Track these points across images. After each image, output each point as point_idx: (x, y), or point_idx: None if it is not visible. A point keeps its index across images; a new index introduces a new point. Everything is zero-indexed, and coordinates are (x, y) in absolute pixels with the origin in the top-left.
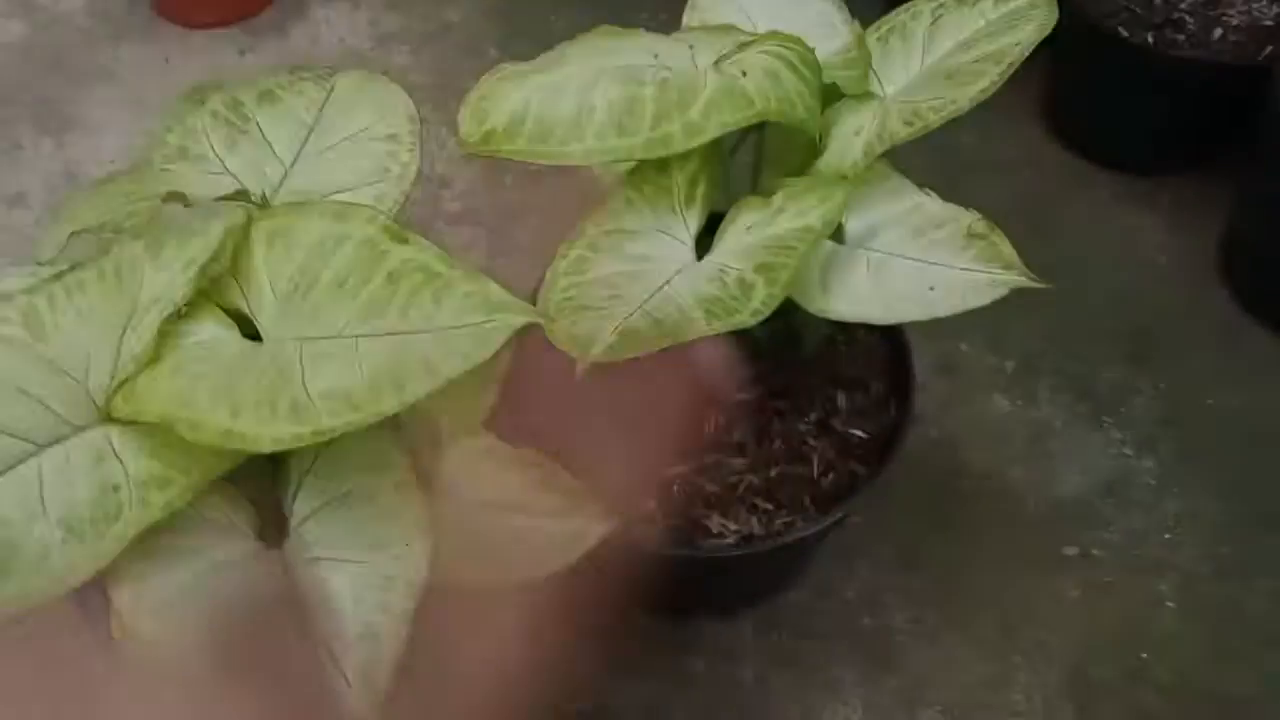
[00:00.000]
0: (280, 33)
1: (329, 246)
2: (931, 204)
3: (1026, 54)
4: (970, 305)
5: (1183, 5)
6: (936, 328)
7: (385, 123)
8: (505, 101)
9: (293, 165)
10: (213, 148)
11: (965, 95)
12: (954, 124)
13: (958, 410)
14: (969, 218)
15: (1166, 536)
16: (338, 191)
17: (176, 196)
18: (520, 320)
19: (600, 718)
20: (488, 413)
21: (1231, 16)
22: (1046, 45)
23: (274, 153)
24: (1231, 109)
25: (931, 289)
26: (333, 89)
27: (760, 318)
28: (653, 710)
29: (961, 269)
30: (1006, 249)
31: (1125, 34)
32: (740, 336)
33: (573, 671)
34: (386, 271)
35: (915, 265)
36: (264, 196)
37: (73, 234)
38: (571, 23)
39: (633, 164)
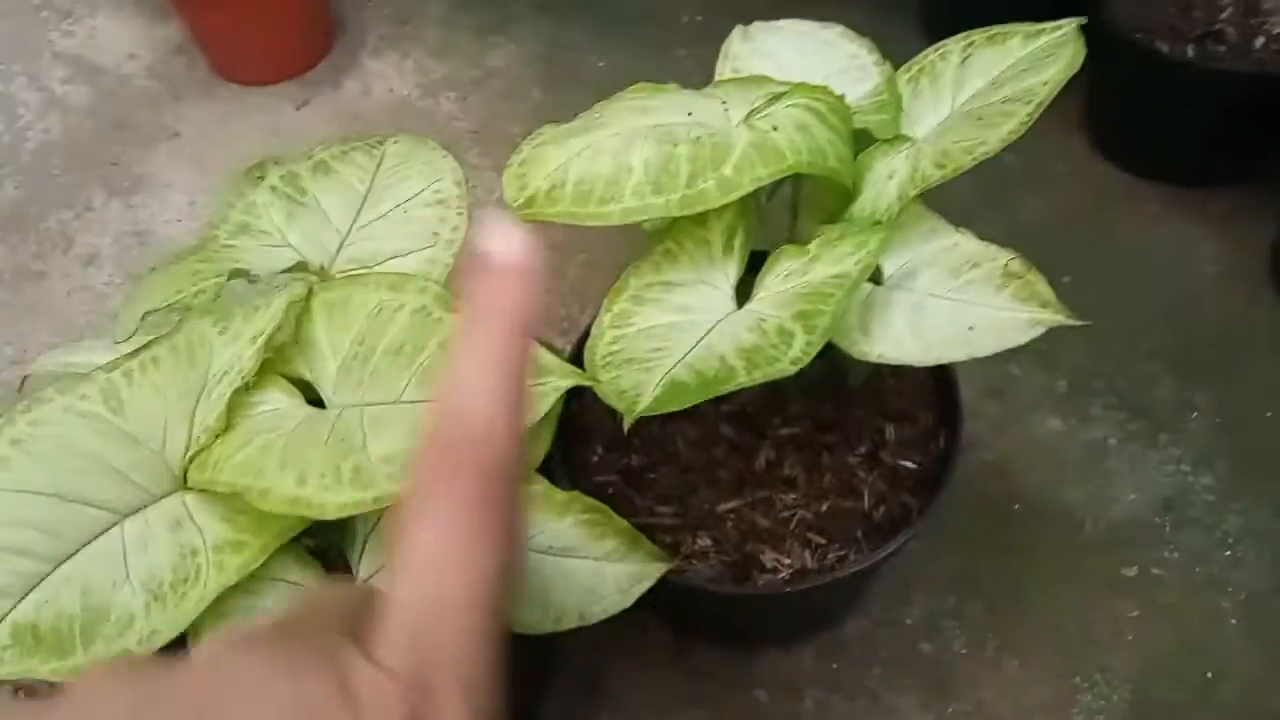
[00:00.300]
0: (334, 85)
1: (385, 316)
2: (967, 243)
3: (1055, 92)
4: (1009, 344)
5: (1223, 16)
6: None
7: (434, 188)
8: (545, 166)
9: (348, 234)
10: (273, 221)
11: (995, 137)
12: None
13: (1011, 432)
14: (1005, 256)
15: (1227, 554)
16: (392, 258)
17: (240, 273)
18: (567, 383)
19: None
20: (539, 460)
21: (1273, 25)
22: (1086, 60)
23: (331, 222)
24: (1277, 117)
25: (971, 329)
26: (383, 157)
27: (800, 366)
28: None
29: (999, 309)
30: (1042, 287)
31: (1165, 49)
32: None
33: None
34: (439, 339)
35: (953, 306)
36: (323, 267)
37: (146, 313)
38: (612, 64)
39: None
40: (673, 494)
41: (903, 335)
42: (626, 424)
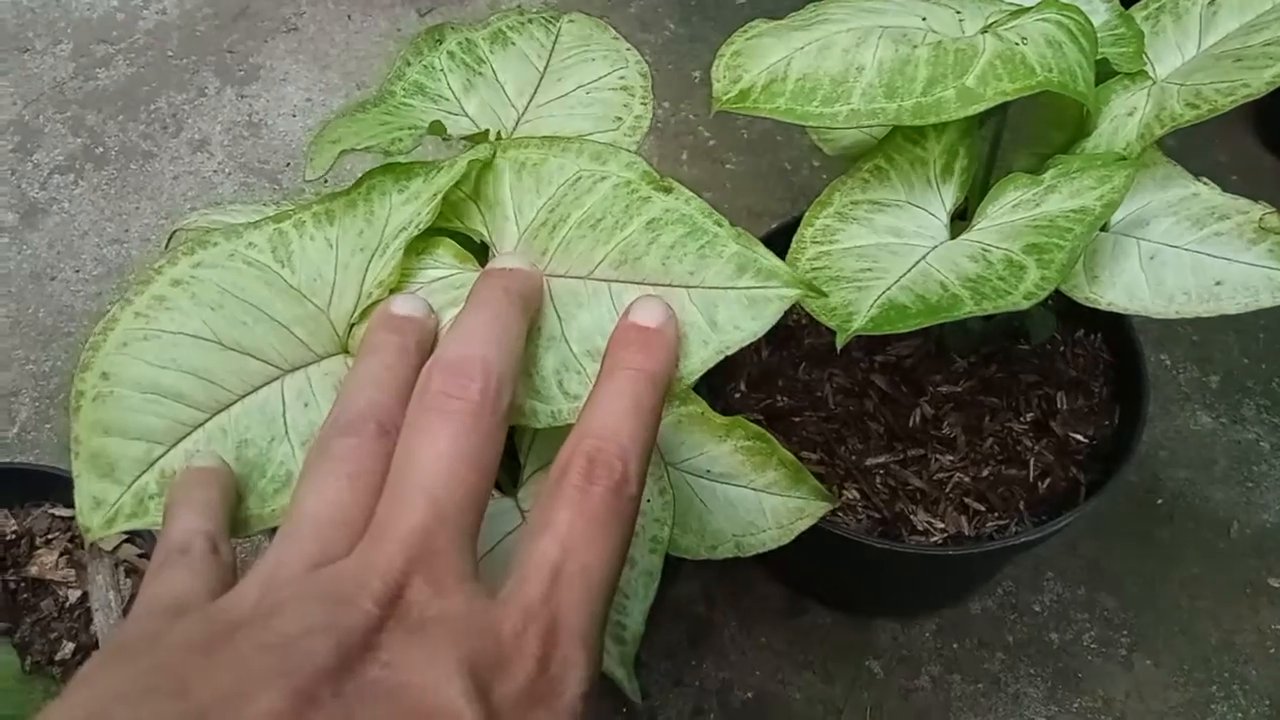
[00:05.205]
0: None
1: (584, 185)
2: (1211, 194)
3: None
4: (1263, 304)
5: None
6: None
7: (619, 74)
8: (764, 58)
9: (525, 111)
10: (450, 87)
11: (1260, 79)
12: None
13: (1158, 424)
14: (1259, 209)
15: None
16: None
17: (439, 128)
18: (793, 294)
19: (769, 706)
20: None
21: None
22: None
23: (507, 97)
24: None
25: (1218, 284)
26: (559, 34)
27: (1033, 301)
28: (821, 703)
29: (1251, 264)
30: None
31: None
32: (956, 328)
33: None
34: (646, 219)
35: (1196, 258)
36: (499, 137)
37: (343, 152)
38: (755, 3)
39: (885, 132)
40: (819, 441)
41: (1136, 284)
42: (840, 342)
